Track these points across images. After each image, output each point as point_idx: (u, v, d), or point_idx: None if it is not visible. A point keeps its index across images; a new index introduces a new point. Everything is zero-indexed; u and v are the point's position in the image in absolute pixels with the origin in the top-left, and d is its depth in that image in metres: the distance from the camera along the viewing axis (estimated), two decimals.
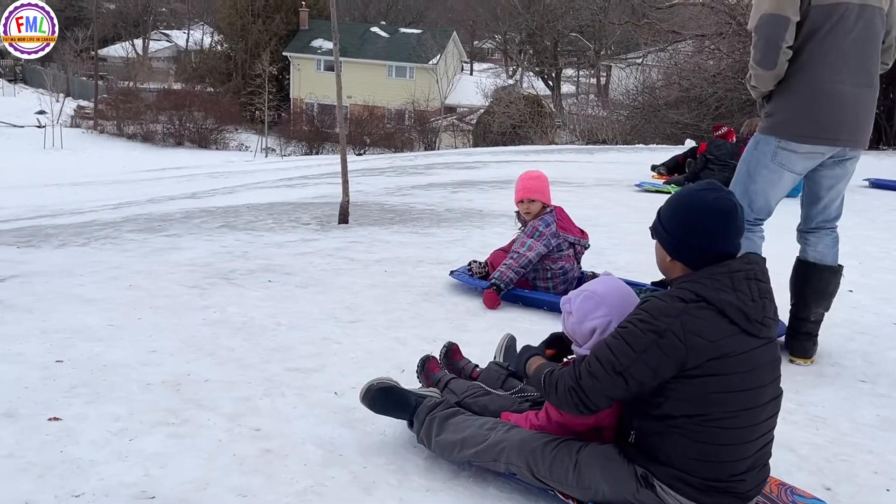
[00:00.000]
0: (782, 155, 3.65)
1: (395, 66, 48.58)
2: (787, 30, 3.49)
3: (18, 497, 2.48)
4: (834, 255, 3.92)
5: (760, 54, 3.59)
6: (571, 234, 4.67)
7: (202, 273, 5.21)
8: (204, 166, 25.72)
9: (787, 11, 3.49)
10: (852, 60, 3.54)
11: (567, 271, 4.64)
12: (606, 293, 2.56)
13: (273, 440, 2.90)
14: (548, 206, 4.67)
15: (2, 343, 3.83)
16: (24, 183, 23.60)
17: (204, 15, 64.43)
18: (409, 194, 9.31)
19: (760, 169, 3.71)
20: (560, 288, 4.61)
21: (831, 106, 3.57)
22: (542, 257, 4.58)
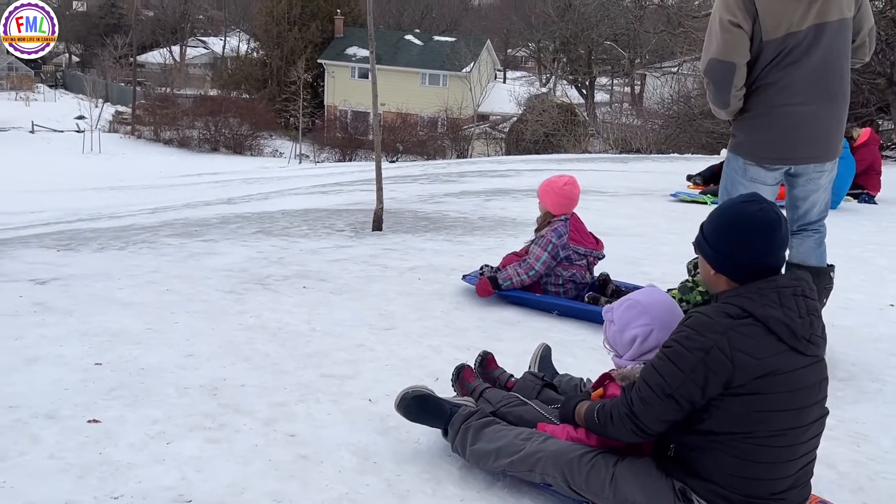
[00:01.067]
0: (751, 171, 3.73)
1: (428, 73, 48.77)
2: (735, 74, 3.53)
3: (59, 497, 2.51)
4: (818, 255, 3.91)
5: (713, 96, 3.67)
6: (584, 245, 4.65)
7: (238, 278, 5.25)
8: (239, 172, 25.97)
9: (734, 57, 3.51)
10: (811, 81, 3.55)
11: (578, 280, 4.65)
12: (650, 303, 2.55)
13: (308, 446, 2.92)
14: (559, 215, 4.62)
15: (43, 345, 3.90)
16: (63, 187, 24.02)
17: (241, 22, 65.19)
18: (443, 202, 9.32)
19: (737, 185, 3.77)
20: (571, 294, 4.62)
21: (784, 127, 3.61)
22: (555, 265, 4.60)
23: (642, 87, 44.25)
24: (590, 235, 4.76)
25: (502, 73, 59.51)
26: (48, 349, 3.83)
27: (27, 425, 2.99)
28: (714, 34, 3.56)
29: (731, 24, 3.48)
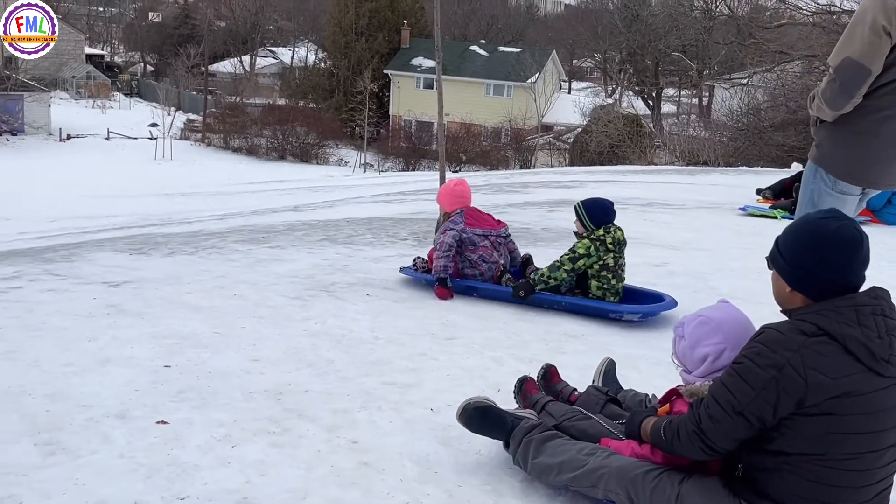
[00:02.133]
0: (842, 184, 3.52)
1: (493, 84, 48.84)
2: (865, 83, 3.30)
3: (129, 497, 2.57)
4: None
5: (832, 95, 3.40)
6: (482, 226, 5.21)
7: (304, 285, 5.33)
8: (305, 180, 26.38)
9: (872, 64, 3.27)
10: None
11: (486, 259, 5.15)
12: (722, 320, 2.49)
13: (370, 453, 2.93)
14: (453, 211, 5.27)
15: (116, 346, 4.01)
16: (136, 192, 24.73)
17: (309, 33, 66.27)
18: (505, 212, 9.28)
19: (824, 197, 3.54)
20: (487, 275, 5.15)
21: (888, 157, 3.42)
22: (463, 249, 5.11)
23: (710, 99, 43.52)
24: (489, 219, 5.33)
25: (567, 83, 59.23)
26: (120, 350, 3.94)
27: (99, 424, 3.08)
28: (858, 33, 3.28)
29: (884, 29, 3.23)
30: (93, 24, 75.71)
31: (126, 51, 74.78)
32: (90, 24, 74.88)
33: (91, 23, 75.56)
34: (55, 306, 4.75)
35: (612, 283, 4.82)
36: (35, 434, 2.98)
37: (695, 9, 41.92)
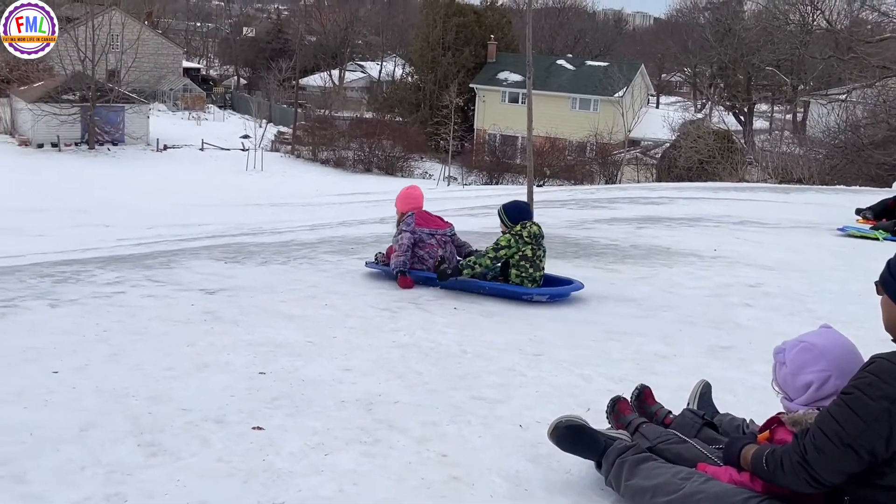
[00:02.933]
0: None
1: (579, 98, 48.49)
2: None
3: (227, 500, 2.65)
4: None
5: None
6: (430, 226, 5.89)
7: (392, 296, 5.39)
8: (390, 192, 26.61)
9: None
10: None
11: (432, 255, 5.79)
12: (826, 347, 2.41)
13: (460, 467, 2.94)
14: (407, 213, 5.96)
15: (213, 352, 4.13)
16: (228, 202, 25.47)
17: (397, 48, 67.22)
18: (592, 228, 9.21)
19: None
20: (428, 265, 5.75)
21: None
22: (414, 247, 5.74)
23: (805, 115, 42.21)
24: (436, 220, 6.01)
25: (655, 98, 58.38)
26: (217, 356, 4.06)
27: (198, 428, 3.18)
28: None
29: None
30: (190, 39, 78.48)
31: (221, 64, 77.20)
32: (188, 38, 77.66)
33: (189, 37, 78.35)
34: (156, 311, 4.94)
35: (531, 271, 5.44)
36: (139, 435, 3.09)
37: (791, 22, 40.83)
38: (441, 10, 51.00)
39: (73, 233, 17.04)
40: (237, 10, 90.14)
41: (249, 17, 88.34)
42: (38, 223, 20.19)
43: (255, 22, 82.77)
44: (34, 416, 3.23)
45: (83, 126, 40.35)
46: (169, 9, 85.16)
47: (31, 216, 22.45)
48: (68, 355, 3.99)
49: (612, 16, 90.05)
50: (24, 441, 2.99)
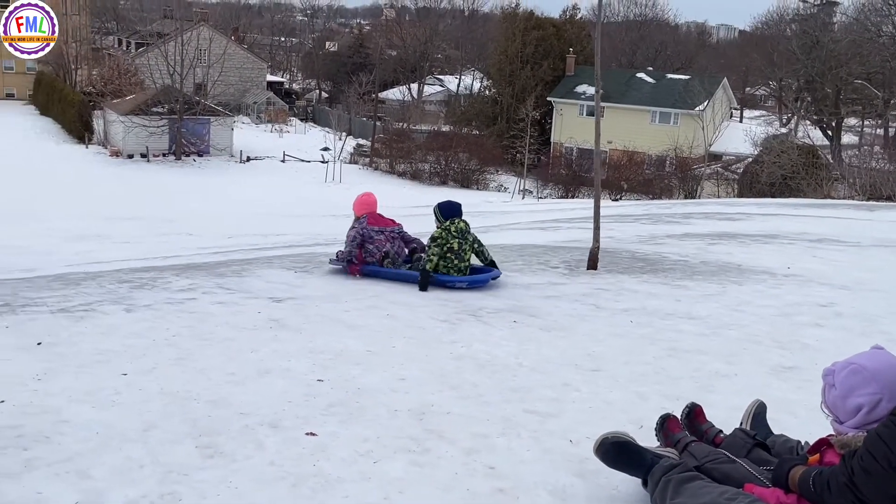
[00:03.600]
0: None
1: (658, 111, 47.81)
2: None
3: (274, 502, 2.72)
4: None
5: None
6: (380, 225, 6.76)
7: (453, 308, 5.43)
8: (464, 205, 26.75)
9: None
10: None
11: (380, 249, 6.62)
12: (878, 369, 2.35)
13: (506, 480, 2.95)
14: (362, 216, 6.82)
15: (275, 358, 4.25)
16: (306, 213, 25.98)
17: (476, 61, 67.54)
18: (663, 243, 9.08)
19: None
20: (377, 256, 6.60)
21: None
22: (364, 242, 6.63)
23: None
24: (386, 220, 6.86)
25: (739, 111, 57.13)
26: (279, 363, 4.17)
27: (254, 432, 3.27)
28: None
29: None
30: (274, 54, 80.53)
31: (304, 78, 78.94)
32: (272, 53, 79.71)
33: (273, 52, 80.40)
34: (224, 318, 5.09)
35: (456, 262, 6.23)
36: (197, 437, 3.21)
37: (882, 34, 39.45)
38: (520, 23, 51.11)
39: (157, 241, 17.65)
40: (320, 25, 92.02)
41: (332, 31, 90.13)
42: (124, 231, 20.98)
43: (338, 37, 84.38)
44: (102, 415, 3.38)
45: (171, 137, 41.78)
46: (255, 24, 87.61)
47: (118, 224, 23.34)
48: (138, 358, 4.16)
49: (695, 28, 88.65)
50: (91, 439, 3.13)
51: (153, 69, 44.64)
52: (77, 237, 20.27)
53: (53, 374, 3.86)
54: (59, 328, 4.71)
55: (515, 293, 5.98)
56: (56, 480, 2.78)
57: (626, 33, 73.33)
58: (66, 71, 52.88)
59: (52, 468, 2.87)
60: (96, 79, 50.36)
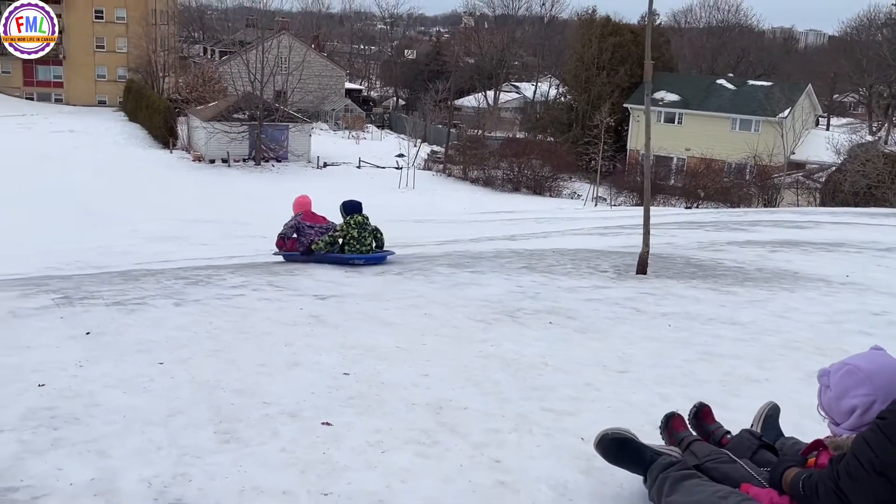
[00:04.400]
0: None
1: (739, 118, 46.77)
2: None
3: (280, 487, 2.80)
4: None
5: None
6: (312, 221, 8.29)
7: (491, 308, 5.46)
8: (534, 211, 26.70)
9: None
10: None
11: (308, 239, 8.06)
12: (872, 371, 2.30)
13: (509, 474, 2.97)
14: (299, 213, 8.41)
15: (307, 352, 4.36)
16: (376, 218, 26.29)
17: (553, 68, 67.26)
18: (722, 250, 8.91)
19: None
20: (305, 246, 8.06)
21: None
22: (299, 235, 8.19)
23: None
24: (318, 217, 8.42)
25: (826, 119, 55.38)
26: (309, 356, 4.28)
27: (273, 420, 3.37)
28: None
29: None
30: (353, 61, 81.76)
31: (382, 86, 79.93)
32: (351, 61, 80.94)
33: (352, 60, 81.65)
34: (266, 314, 5.25)
35: (357, 247, 7.85)
36: (217, 423, 3.33)
37: None
38: (597, 29, 50.73)
39: (231, 243, 18.15)
40: (400, 34, 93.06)
41: (411, 39, 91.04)
42: (203, 233, 21.63)
43: (416, 44, 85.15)
44: (132, 400, 3.54)
45: (251, 143, 42.88)
46: (335, 33, 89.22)
47: (198, 226, 24.07)
48: (177, 349, 4.33)
49: (780, 34, 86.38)
50: (116, 422, 3.28)
51: (235, 77, 45.96)
52: (157, 238, 21.00)
53: (94, 361, 4.05)
54: (109, 320, 4.94)
55: (557, 295, 5.97)
56: (77, 459, 2.93)
57: (707, 39, 71.98)
58: (153, 78, 54.83)
59: (76, 447, 3.02)
60: (182, 86, 52.07)
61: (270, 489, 2.78)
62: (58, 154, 39.36)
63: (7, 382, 3.69)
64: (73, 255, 13.46)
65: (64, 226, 23.44)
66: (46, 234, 21.51)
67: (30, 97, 58.57)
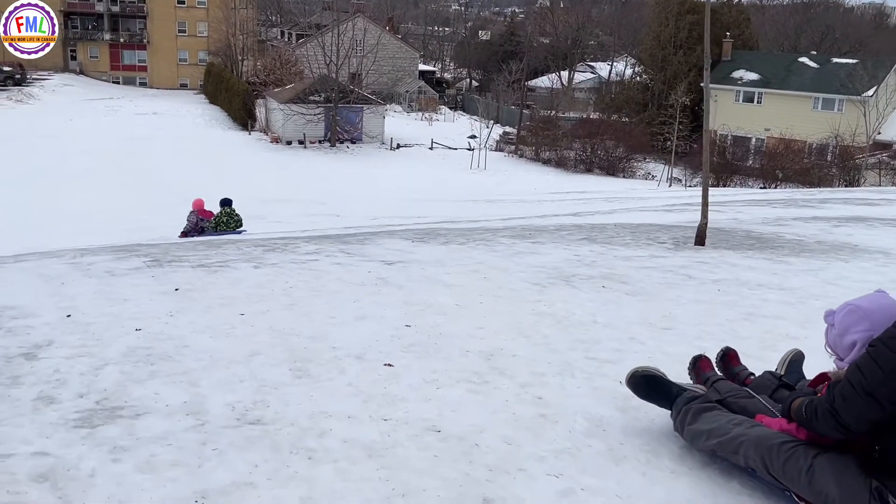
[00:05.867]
0: None
1: (821, 97, 45.44)
2: None
3: (345, 411, 3.18)
4: None
5: None
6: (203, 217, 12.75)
7: (547, 274, 5.75)
8: (605, 192, 26.71)
9: None
10: None
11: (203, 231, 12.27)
12: (872, 309, 2.53)
13: (550, 408, 3.29)
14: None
15: (373, 307, 4.74)
16: (447, 198, 26.70)
17: (629, 47, 66.39)
18: (786, 225, 8.98)
19: None
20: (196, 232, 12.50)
21: None
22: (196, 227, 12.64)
23: None
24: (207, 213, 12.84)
25: None
26: (375, 311, 4.66)
27: (341, 361, 3.76)
28: None
29: None
30: (427, 43, 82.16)
31: (455, 67, 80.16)
32: (425, 42, 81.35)
33: (426, 41, 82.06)
34: (337, 275, 5.65)
35: (226, 228, 12.39)
36: (292, 363, 3.73)
37: None
38: (674, 7, 49.89)
39: (307, 221, 18.75)
40: (474, 15, 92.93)
41: (486, 20, 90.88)
42: (280, 212, 22.34)
43: (491, 25, 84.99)
44: (217, 343, 3.97)
45: (326, 125, 43.77)
46: (410, 15, 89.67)
47: (275, 206, 24.81)
48: (255, 303, 4.76)
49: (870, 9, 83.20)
50: (204, 360, 3.71)
51: (311, 59, 46.85)
52: None
53: (183, 312, 4.51)
54: (195, 279, 5.41)
55: (613, 263, 6.22)
56: (172, 386, 3.36)
57: (790, 16, 69.97)
58: (233, 62, 56.30)
59: (170, 378, 3.45)
60: (260, 69, 53.33)
61: (337, 414, 3.16)
62: (142, 135, 40.97)
63: (109, 327, 4.17)
64: (156, 232, 14.24)
65: (148, 204, 24.53)
66: (131, 212, 22.57)
67: (116, 81, 60.86)
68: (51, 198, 25.22)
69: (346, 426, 3.06)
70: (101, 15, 60.55)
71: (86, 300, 4.71)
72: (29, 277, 5.44)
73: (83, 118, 45.34)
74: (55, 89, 54.10)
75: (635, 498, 2.66)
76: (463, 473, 2.74)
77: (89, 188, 27.77)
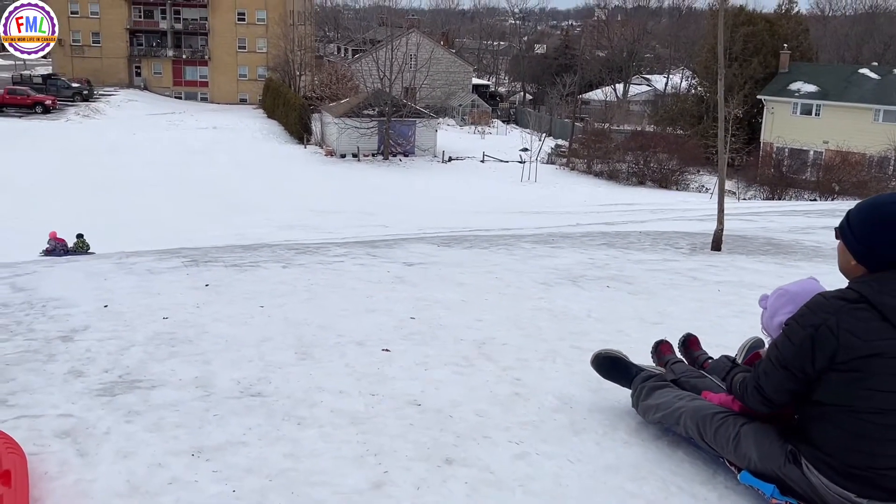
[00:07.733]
0: None
1: (883, 109, 44.58)
2: None
3: (337, 387, 3.52)
4: None
5: None
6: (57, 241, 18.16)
7: (557, 275, 6.03)
8: (653, 204, 26.71)
9: None
10: None
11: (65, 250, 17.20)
12: (797, 292, 2.78)
13: (525, 388, 3.58)
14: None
15: (384, 303, 5.08)
16: (496, 210, 27.01)
17: (686, 60, 65.98)
18: (812, 233, 9.09)
19: None
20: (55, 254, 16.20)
21: None
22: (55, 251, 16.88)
23: None
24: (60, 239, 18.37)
25: None
26: (385, 305, 5.00)
27: (342, 346, 4.10)
28: None
29: None
30: (482, 57, 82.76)
31: (509, 81, 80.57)
32: (479, 56, 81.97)
33: (480, 56, 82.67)
34: (357, 275, 6.01)
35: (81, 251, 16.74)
36: (299, 347, 4.08)
37: None
38: (729, 19, 49.41)
39: (355, 231, 19.25)
40: (531, 28, 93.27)
41: (542, 34, 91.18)
42: (331, 222, 22.92)
43: (546, 39, 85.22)
44: (233, 330, 4.35)
45: (380, 139, 44.54)
46: (465, 29, 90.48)
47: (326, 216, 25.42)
48: (277, 297, 5.14)
49: None
50: (219, 344, 4.09)
51: (366, 74, 47.74)
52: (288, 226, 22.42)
53: (208, 304, 4.91)
54: (225, 276, 5.82)
55: (624, 266, 6.46)
56: (187, 364, 3.74)
57: (851, 27, 68.72)
58: (290, 77, 57.63)
59: (187, 358, 3.84)
60: (316, 84, 54.51)
61: (330, 388, 3.50)
62: (202, 149, 42.25)
63: (140, 315, 4.58)
64: (211, 242, 14.86)
65: (206, 214, 25.38)
66: (189, 221, 23.40)
67: (178, 96, 62.83)
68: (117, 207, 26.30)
69: (336, 399, 3.40)
70: (164, 32, 62.68)
71: (123, 293, 5.15)
72: (76, 274, 5.93)
73: (146, 132, 46.95)
74: (120, 105, 56.11)
75: (584, 462, 2.94)
76: (433, 439, 3.05)
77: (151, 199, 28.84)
